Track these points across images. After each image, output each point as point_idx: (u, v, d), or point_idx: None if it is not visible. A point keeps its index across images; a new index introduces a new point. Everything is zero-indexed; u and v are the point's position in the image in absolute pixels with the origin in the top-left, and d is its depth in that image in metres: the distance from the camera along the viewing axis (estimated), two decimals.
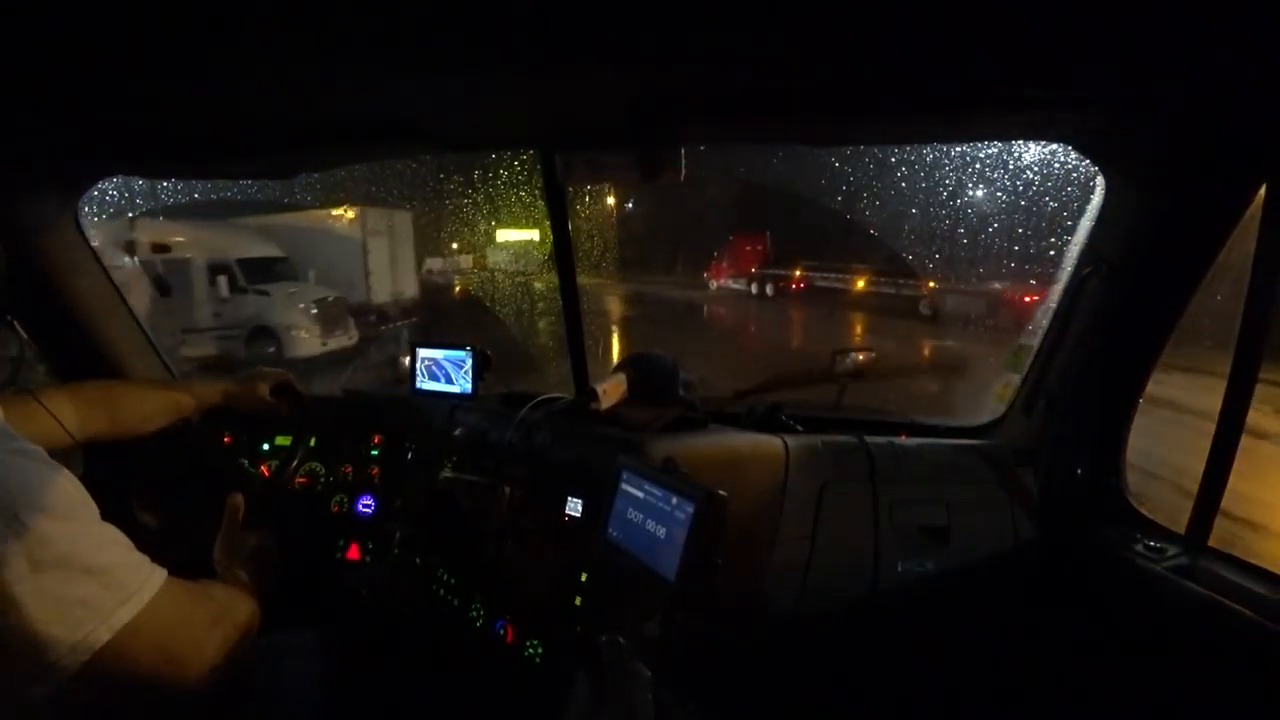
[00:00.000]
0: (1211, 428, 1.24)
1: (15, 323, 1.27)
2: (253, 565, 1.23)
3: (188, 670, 0.89)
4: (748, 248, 19.86)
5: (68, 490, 0.80)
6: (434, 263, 20.77)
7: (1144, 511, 1.45)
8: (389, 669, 1.66)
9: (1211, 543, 1.30)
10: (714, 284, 21.03)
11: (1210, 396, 1.25)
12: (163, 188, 8.73)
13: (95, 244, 1.76)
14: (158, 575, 0.86)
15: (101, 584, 0.78)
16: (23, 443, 0.79)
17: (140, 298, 8.02)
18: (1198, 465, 1.27)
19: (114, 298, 1.81)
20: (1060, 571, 1.51)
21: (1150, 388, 1.43)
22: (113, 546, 0.83)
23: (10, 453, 0.77)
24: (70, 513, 0.79)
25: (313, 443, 1.79)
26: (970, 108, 1.18)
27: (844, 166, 13.64)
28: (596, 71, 1.06)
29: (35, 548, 0.73)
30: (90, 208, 1.75)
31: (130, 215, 9.06)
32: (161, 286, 8.94)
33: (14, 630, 0.72)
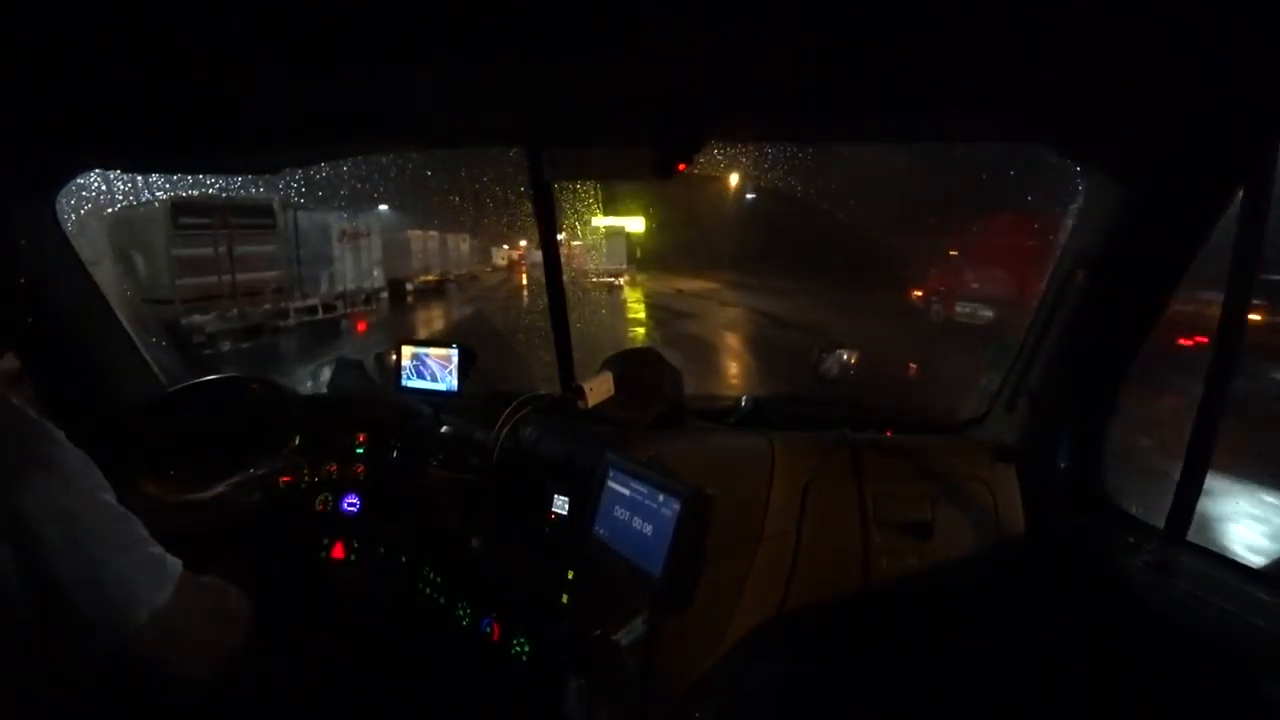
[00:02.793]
0: None
1: None
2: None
3: (197, 663, 0.90)
4: (1027, 241, 8.36)
5: (91, 470, 0.81)
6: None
7: (1124, 506, 1.47)
8: (375, 668, 1.65)
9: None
10: (938, 309, 10.39)
11: None
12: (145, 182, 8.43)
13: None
14: (176, 563, 0.86)
15: (134, 563, 0.80)
16: (46, 424, 0.80)
17: None
18: None
19: (94, 295, 1.78)
20: (1042, 565, 1.52)
21: None
22: (136, 526, 0.83)
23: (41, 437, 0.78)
24: (97, 491, 0.80)
25: (297, 441, 1.78)
26: (958, 109, 1.19)
27: None
28: (583, 69, 1.06)
29: (69, 524, 0.74)
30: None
31: None
32: None
33: (54, 609, 0.73)
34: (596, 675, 1.12)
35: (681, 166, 1.37)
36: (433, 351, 1.89)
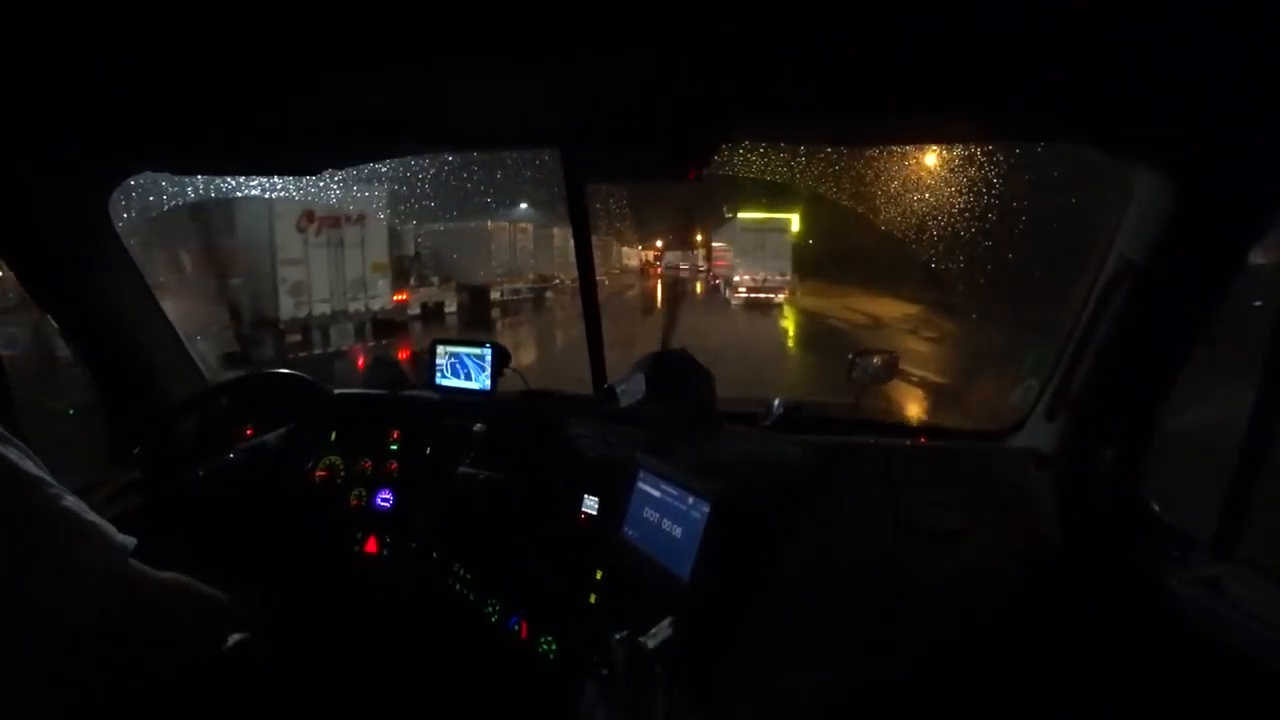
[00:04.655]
0: None
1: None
2: None
3: (173, 652, 0.92)
4: None
5: (25, 458, 0.82)
6: None
7: (1168, 519, 1.43)
8: (404, 662, 1.68)
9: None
10: None
11: None
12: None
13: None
14: (128, 542, 0.87)
15: (80, 547, 0.81)
16: None
17: None
18: None
19: (146, 295, 1.84)
20: (1080, 578, 1.49)
21: None
22: (83, 513, 0.84)
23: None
24: (32, 478, 0.81)
25: (332, 437, 1.81)
26: (997, 108, 1.17)
27: None
28: (617, 70, 1.06)
29: (9, 516, 0.76)
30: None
31: None
32: None
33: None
34: (622, 677, 1.13)
35: (696, 170, 1.37)
36: (467, 350, 1.92)
